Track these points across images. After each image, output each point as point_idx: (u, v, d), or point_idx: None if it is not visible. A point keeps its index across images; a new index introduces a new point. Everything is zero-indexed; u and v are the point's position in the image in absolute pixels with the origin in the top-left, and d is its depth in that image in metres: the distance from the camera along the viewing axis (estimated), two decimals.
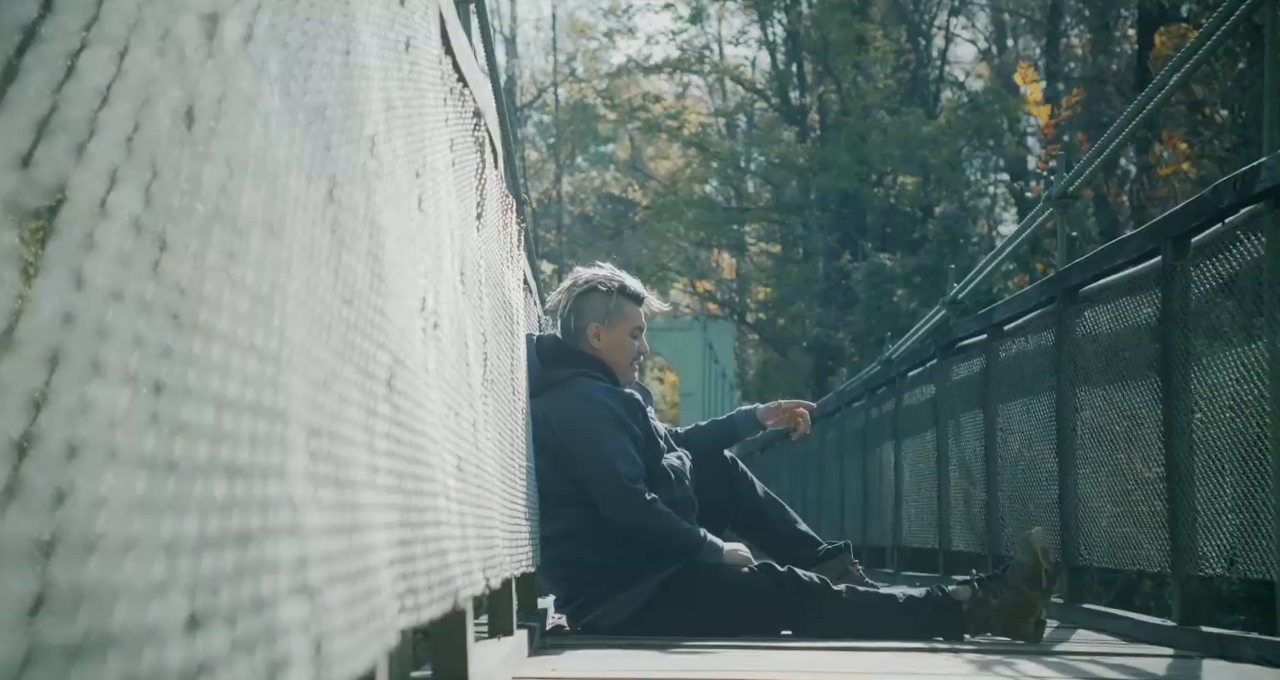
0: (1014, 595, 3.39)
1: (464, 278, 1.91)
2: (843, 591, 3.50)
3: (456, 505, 1.52)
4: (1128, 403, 3.75)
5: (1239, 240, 3.02)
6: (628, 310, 3.65)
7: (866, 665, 2.83)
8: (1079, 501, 4.18)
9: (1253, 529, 2.90)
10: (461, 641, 1.77)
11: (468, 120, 2.09)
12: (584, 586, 3.50)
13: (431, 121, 1.60)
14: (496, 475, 2.20)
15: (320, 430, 0.75)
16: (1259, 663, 2.78)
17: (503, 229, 2.60)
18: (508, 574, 2.32)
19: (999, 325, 5.29)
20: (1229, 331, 3.08)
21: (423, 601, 1.16)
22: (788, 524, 3.94)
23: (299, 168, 0.78)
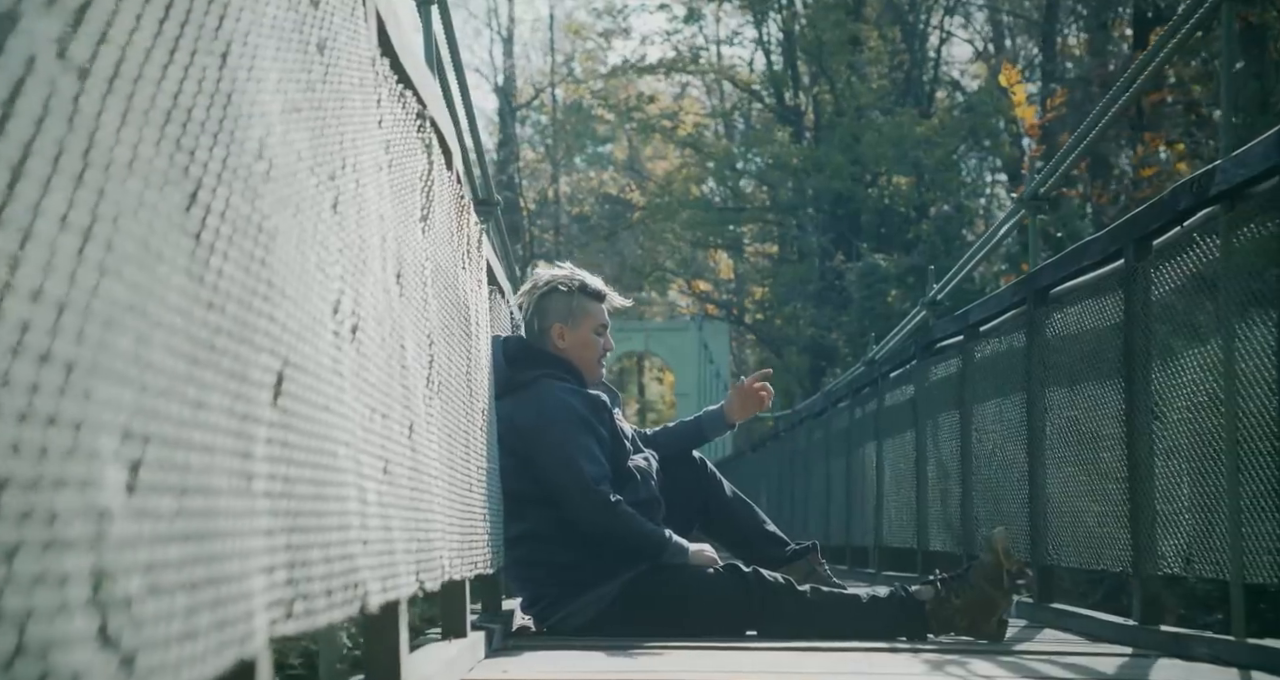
0: (976, 595, 3.38)
1: (402, 280, 1.89)
2: (807, 592, 3.48)
3: (377, 509, 1.51)
4: (1094, 403, 3.74)
5: (1196, 242, 3.00)
6: (590, 308, 3.63)
7: (826, 665, 2.82)
8: (1048, 502, 4.16)
9: (1207, 529, 2.89)
10: (394, 645, 1.75)
11: (410, 122, 2.07)
12: (550, 587, 3.48)
13: (357, 123, 1.58)
14: (443, 477, 2.19)
15: (153, 438, 0.73)
16: (1212, 661, 2.77)
17: (457, 231, 2.58)
18: (457, 576, 2.30)
19: (975, 326, 5.28)
20: (1186, 333, 3.07)
21: (318, 607, 1.14)
22: (756, 524, 3.93)
23: (145, 173, 0.77)
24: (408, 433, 1.82)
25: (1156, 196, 3.28)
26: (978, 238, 21.71)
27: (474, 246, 2.91)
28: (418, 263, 2.04)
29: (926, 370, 6.16)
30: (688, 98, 28.71)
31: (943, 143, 21.96)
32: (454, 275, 2.52)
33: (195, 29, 0.90)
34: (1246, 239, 2.73)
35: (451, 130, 2.64)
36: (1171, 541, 3.12)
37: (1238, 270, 2.76)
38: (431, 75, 2.37)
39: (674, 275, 28.64)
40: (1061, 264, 4.12)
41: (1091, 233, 13.62)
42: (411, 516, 1.77)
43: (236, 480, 0.91)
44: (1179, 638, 3.02)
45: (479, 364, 2.92)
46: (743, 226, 26.51)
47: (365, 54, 1.71)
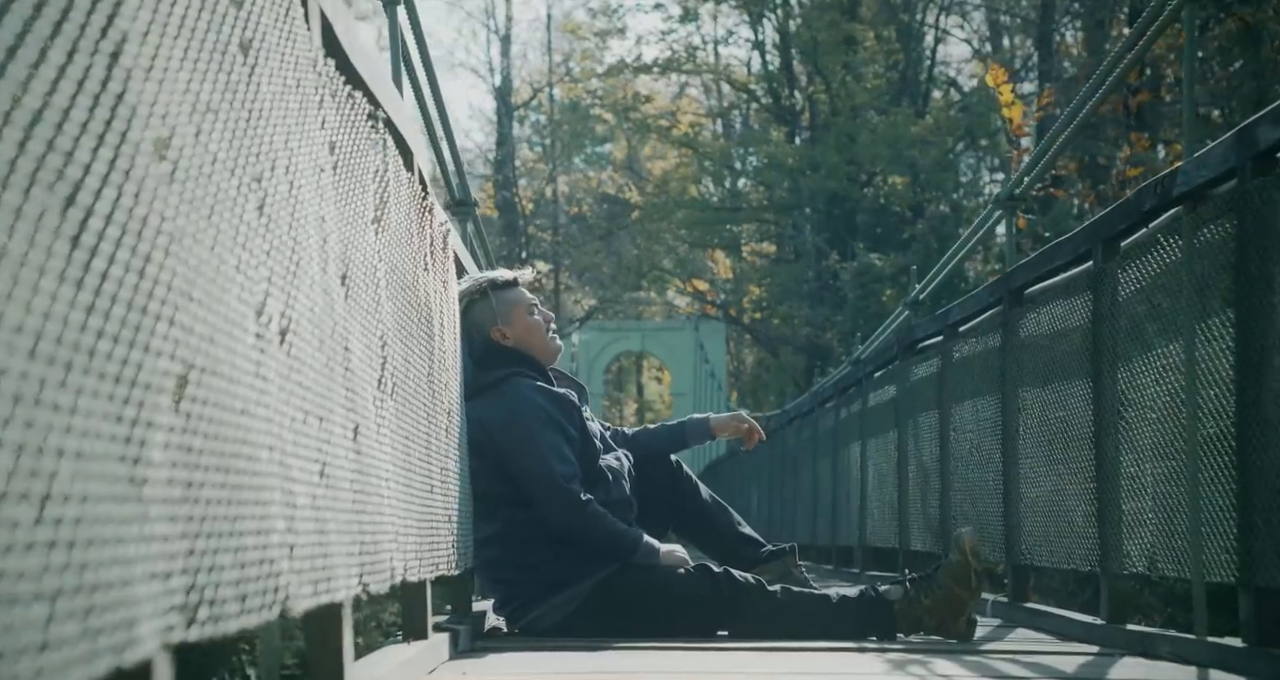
0: (945, 594, 3.36)
1: (349, 282, 1.87)
2: (778, 592, 3.46)
3: (310, 512, 1.49)
4: (1064, 403, 3.72)
5: (1161, 243, 2.99)
6: (509, 296, 3.62)
7: (791, 665, 2.80)
8: (1021, 501, 4.14)
9: (1170, 528, 2.87)
10: (337, 649, 1.73)
11: (360, 123, 2.05)
12: (521, 588, 3.46)
13: (292, 124, 1.56)
14: (397, 479, 2.17)
15: (8, 445, 0.71)
16: (1172, 660, 2.76)
17: (418, 231, 2.56)
18: (414, 577, 2.28)
19: (954, 326, 5.26)
20: (1151, 333, 3.05)
21: (228, 612, 1.13)
22: (731, 526, 3.90)
23: (4, 175, 0.75)
24: (352, 435, 1.80)
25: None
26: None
27: (438, 247, 2.89)
28: (368, 264, 2.02)
29: (908, 370, 6.14)
30: (686, 97, 28.62)
31: (937, 142, 21.90)
32: (413, 276, 2.50)
33: (75, 28, 0.88)
34: (1207, 240, 2.71)
35: (414, 130, 2.62)
36: (1137, 541, 3.10)
37: (1199, 271, 2.74)
38: (388, 76, 2.34)
39: (670, 275, 28.58)
40: (1035, 264, 4.10)
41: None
42: (353, 519, 1.74)
43: (120, 486, 0.89)
44: (1144, 636, 3.00)
45: (444, 365, 2.90)
46: (740, 226, 26.45)
47: (305, 55, 1.69)
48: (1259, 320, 2.44)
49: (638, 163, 29.54)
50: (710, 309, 28.83)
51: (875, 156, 21.90)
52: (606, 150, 30.27)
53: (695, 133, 26.62)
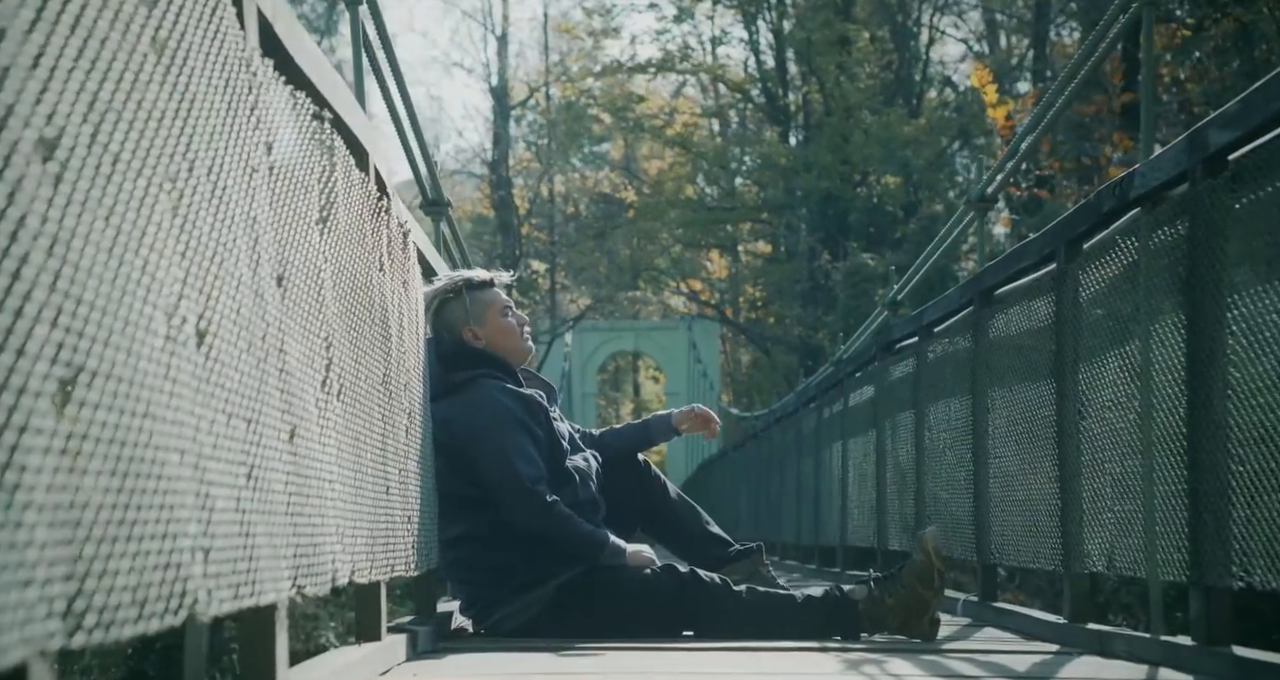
0: (908, 594, 3.34)
1: (286, 283, 1.84)
2: (743, 592, 3.44)
3: (231, 515, 1.46)
4: (1030, 404, 3.70)
5: (1119, 245, 2.97)
6: (485, 297, 3.58)
7: (746, 665, 2.77)
8: (990, 501, 4.12)
9: (1126, 527, 2.85)
10: (270, 652, 1.71)
11: (304, 123, 2.03)
12: (487, 589, 3.43)
13: (217, 124, 1.53)
14: (345, 480, 2.14)
15: None
16: (1128, 658, 2.74)
17: (371, 231, 2.54)
18: (364, 579, 2.26)
19: (929, 326, 5.24)
20: (1109, 334, 3.03)
21: (122, 618, 1.10)
22: (699, 525, 3.88)
23: None
24: (288, 437, 1.78)
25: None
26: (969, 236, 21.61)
27: (397, 247, 2.86)
28: (310, 265, 2.00)
29: (886, 371, 6.12)
30: (683, 97, 28.49)
31: (930, 142, 21.84)
32: (367, 277, 2.48)
33: None
34: (1161, 241, 2.69)
35: (369, 130, 2.59)
36: (1097, 540, 3.08)
37: (1154, 273, 2.72)
38: (337, 76, 2.31)
39: (664, 275, 28.51)
40: (1003, 265, 4.08)
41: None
42: (286, 521, 1.72)
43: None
44: (1102, 635, 2.98)
45: (403, 366, 2.87)
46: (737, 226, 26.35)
47: (237, 55, 1.66)
48: (1208, 322, 2.42)
49: (634, 162, 29.45)
50: (707, 310, 28.76)
51: (868, 156, 21.84)
52: (604, 150, 30.16)
53: (690, 132, 26.50)
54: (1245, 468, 2.25)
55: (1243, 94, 2.29)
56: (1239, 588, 2.28)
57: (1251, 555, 2.22)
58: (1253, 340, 2.23)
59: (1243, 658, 2.25)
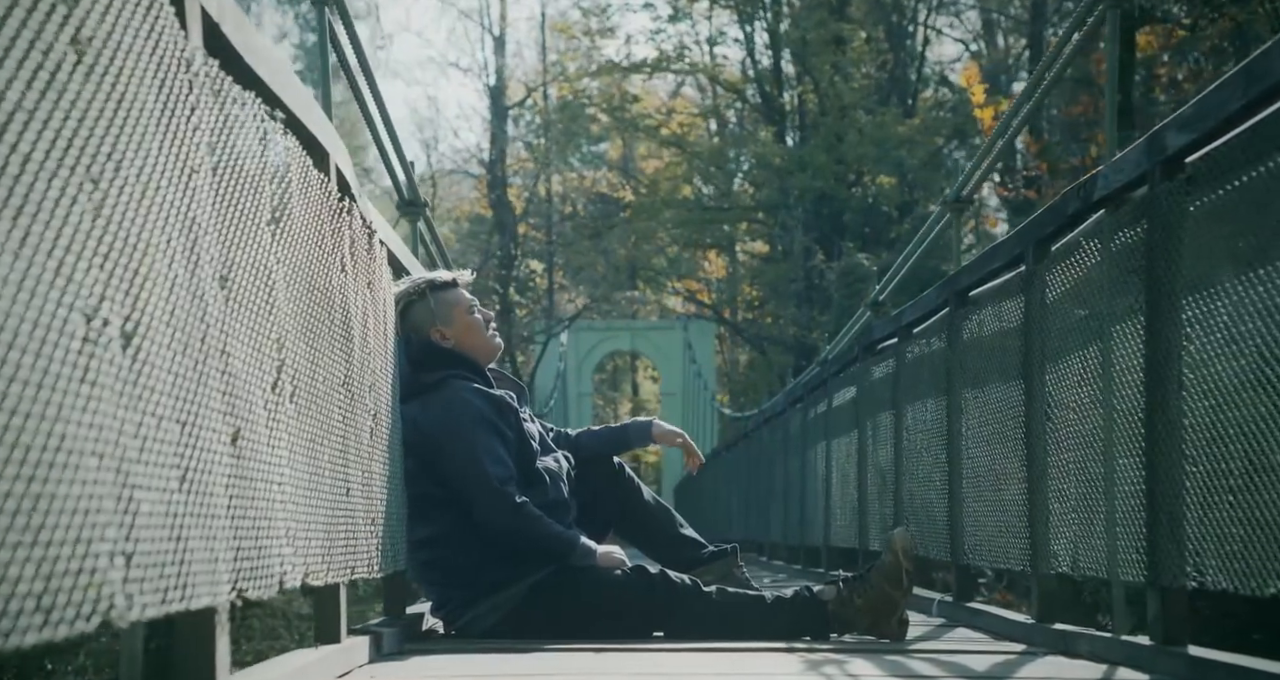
0: (877, 595, 3.32)
1: (230, 284, 1.82)
2: (713, 593, 3.42)
3: (160, 519, 1.44)
4: (1001, 405, 3.69)
5: (1084, 247, 2.95)
6: (449, 297, 3.56)
7: (706, 666, 2.75)
8: (964, 502, 4.11)
9: (1089, 528, 2.83)
10: (208, 655, 1.69)
11: (252, 124, 2.00)
12: (457, 590, 3.41)
13: (147, 125, 1.51)
14: (297, 482, 2.12)
15: None
16: (1089, 658, 2.73)
17: (331, 232, 2.51)
18: (318, 581, 2.23)
19: (908, 327, 5.22)
20: (1074, 336, 3.02)
21: (29, 624, 1.08)
22: (673, 527, 3.85)
23: None
24: (230, 440, 1.75)
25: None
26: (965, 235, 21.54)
27: (361, 248, 2.84)
28: (258, 266, 1.97)
29: (867, 371, 6.10)
30: (681, 97, 28.36)
31: (924, 142, 21.77)
32: (327, 278, 2.45)
33: None
34: (1122, 243, 2.67)
35: (329, 131, 2.57)
36: (1062, 541, 3.07)
37: (1115, 274, 2.71)
38: (293, 76, 2.29)
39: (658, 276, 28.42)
40: (976, 266, 4.06)
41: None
42: (227, 525, 1.70)
43: None
44: (1067, 635, 2.97)
45: (368, 368, 2.85)
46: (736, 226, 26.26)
47: (175, 55, 1.64)
48: (1165, 324, 2.40)
49: (632, 162, 29.34)
50: (704, 310, 28.69)
51: (862, 156, 21.76)
52: (602, 150, 30.05)
53: (687, 132, 26.40)
54: (1198, 468, 2.23)
55: (1198, 97, 2.27)
56: (1192, 588, 2.26)
57: (1204, 555, 2.21)
58: (1205, 342, 2.21)
59: (1197, 657, 2.24)
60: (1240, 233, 2.09)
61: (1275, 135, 1.97)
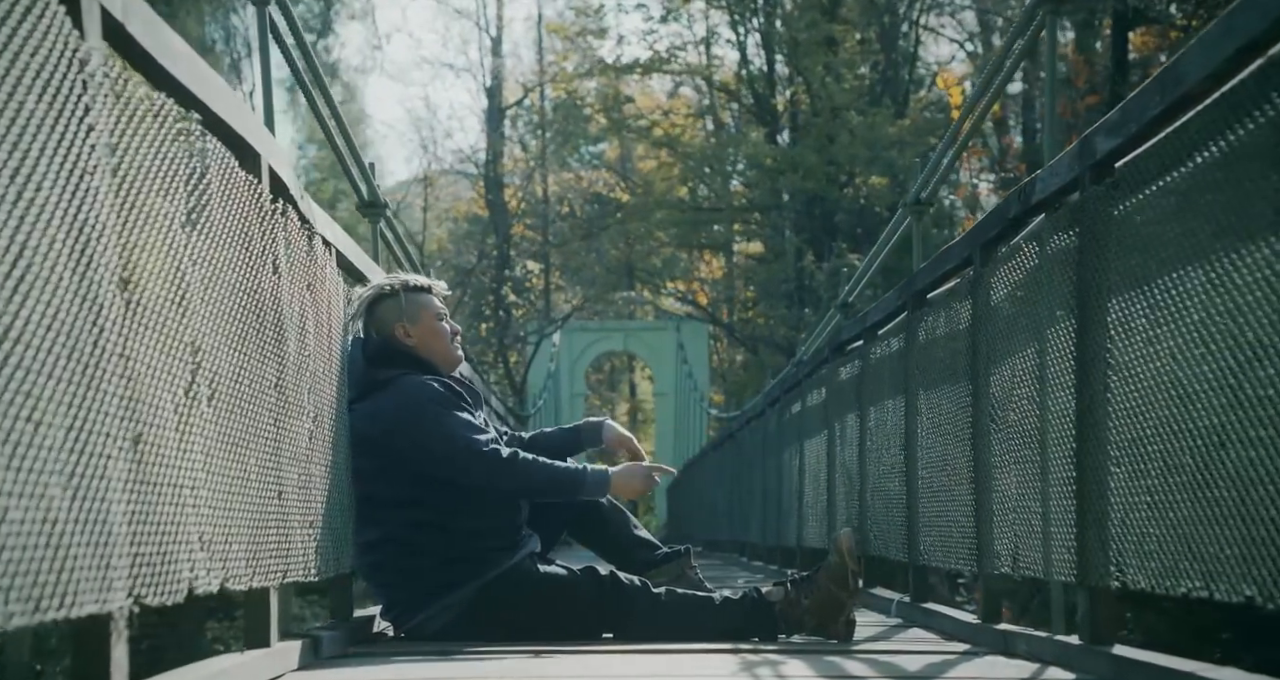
0: (824, 595, 3.29)
1: (134, 287, 1.78)
2: (662, 594, 3.38)
3: (34, 527, 1.40)
4: (951, 407, 3.66)
5: (1023, 250, 2.92)
6: (422, 301, 3.51)
7: (641, 667, 2.72)
8: (920, 503, 4.07)
9: (1027, 528, 2.80)
10: (103, 663, 1.65)
11: (164, 124, 1.96)
12: (406, 592, 3.37)
13: (29, 127, 1.47)
14: (214, 486, 2.08)
15: None
16: (1026, 658, 2.70)
17: (260, 233, 2.47)
18: (239, 585, 2.20)
19: (873, 328, 5.18)
20: (1015, 338, 2.98)
21: None
22: (627, 529, 3.80)
23: None
24: (129, 445, 1.72)
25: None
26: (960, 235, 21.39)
27: (299, 249, 2.79)
28: (170, 268, 1.94)
29: (835, 372, 6.06)
30: (680, 97, 28.22)
31: (914, 143, 21.66)
32: (254, 279, 2.41)
33: None
34: (1057, 247, 2.64)
35: (259, 131, 2.52)
36: (1005, 541, 3.03)
37: (1051, 278, 2.68)
38: (213, 75, 2.25)
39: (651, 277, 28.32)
40: (932, 268, 4.03)
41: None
42: (124, 531, 1.66)
43: None
44: (1007, 635, 2.94)
45: (306, 369, 2.81)
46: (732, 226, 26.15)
47: (63, 55, 1.60)
48: (1093, 327, 2.37)
49: (630, 162, 29.22)
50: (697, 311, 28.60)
51: (854, 157, 21.66)
52: (600, 150, 29.92)
53: (681, 132, 26.26)
54: (1121, 470, 2.21)
55: (1123, 101, 2.24)
56: (1116, 587, 2.24)
57: (1125, 555, 2.18)
58: (1127, 346, 2.18)
59: (1120, 657, 2.22)
60: (1159, 237, 2.06)
61: (1190, 141, 1.94)
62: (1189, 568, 1.88)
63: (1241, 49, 1.75)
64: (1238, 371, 1.73)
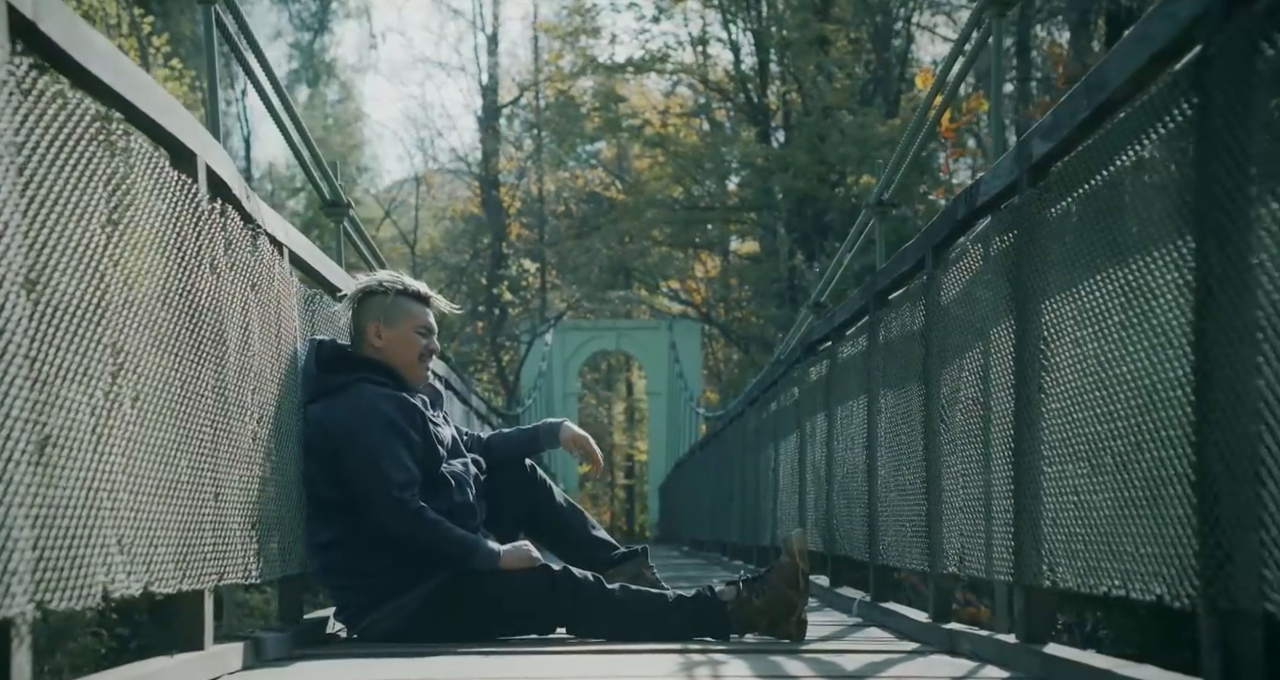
0: (775, 595, 3.25)
1: (42, 289, 1.74)
2: (616, 591, 3.34)
3: None
4: (907, 408, 3.62)
5: (970, 252, 2.89)
6: (411, 308, 3.44)
7: (584, 669, 2.68)
8: (879, 503, 4.04)
9: (973, 528, 2.77)
10: (2, 670, 1.60)
11: (80, 123, 1.92)
12: (358, 594, 3.32)
13: None
14: (139, 488, 2.04)
15: None
16: (971, 657, 2.67)
17: (194, 235, 2.43)
18: (166, 589, 2.15)
19: (840, 328, 5.15)
20: (964, 339, 2.95)
21: None
22: (584, 530, 3.76)
23: None
24: (35, 449, 1.67)
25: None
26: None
27: (242, 249, 2.75)
28: (85, 269, 1.89)
29: (806, 372, 6.03)
30: (677, 96, 28.09)
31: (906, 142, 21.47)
32: (188, 281, 2.37)
33: None
34: (999, 248, 2.61)
35: (194, 130, 2.48)
36: (953, 541, 3.00)
37: (994, 280, 2.64)
38: (138, 72, 2.20)
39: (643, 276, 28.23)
40: (890, 270, 4.00)
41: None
42: (25, 536, 1.62)
43: None
44: (953, 634, 2.91)
45: (249, 370, 2.77)
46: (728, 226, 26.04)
47: None
48: (1029, 329, 2.34)
49: (627, 161, 29.11)
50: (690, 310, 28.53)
51: (845, 156, 21.56)
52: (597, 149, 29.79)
53: (675, 131, 26.14)
54: (1052, 470, 2.18)
55: (1054, 105, 2.22)
56: (1047, 586, 2.21)
57: (1055, 555, 2.15)
58: (1058, 347, 2.16)
59: (1050, 655, 2.21)
60: (1086, 240, 2.03)
61: (1112, 145, 1.91)
62: (1109, 567, 1.85)
63: (1156, 55, 1.73)
64: (1152, 373, 1.70)
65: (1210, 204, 1.49)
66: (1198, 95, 1.57)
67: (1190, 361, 1.56)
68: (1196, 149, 1.55)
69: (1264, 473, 1.35)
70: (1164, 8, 1.69)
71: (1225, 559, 1.45)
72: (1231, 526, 1.43)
